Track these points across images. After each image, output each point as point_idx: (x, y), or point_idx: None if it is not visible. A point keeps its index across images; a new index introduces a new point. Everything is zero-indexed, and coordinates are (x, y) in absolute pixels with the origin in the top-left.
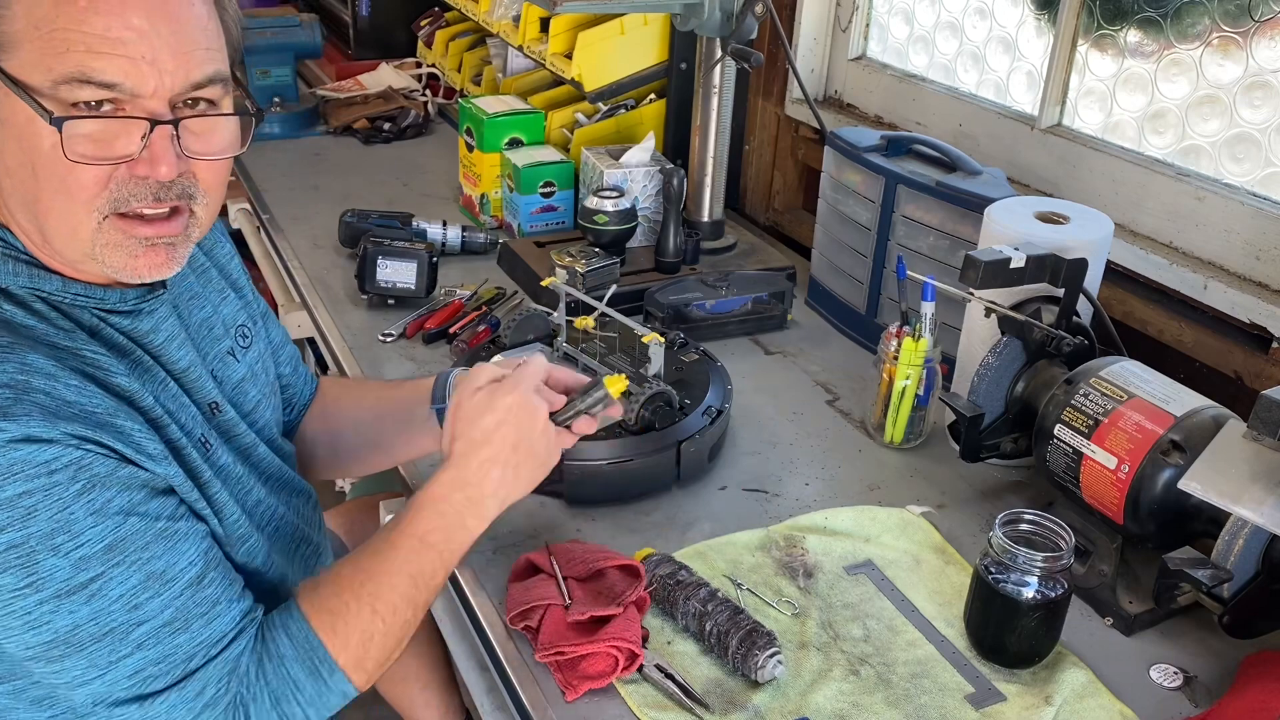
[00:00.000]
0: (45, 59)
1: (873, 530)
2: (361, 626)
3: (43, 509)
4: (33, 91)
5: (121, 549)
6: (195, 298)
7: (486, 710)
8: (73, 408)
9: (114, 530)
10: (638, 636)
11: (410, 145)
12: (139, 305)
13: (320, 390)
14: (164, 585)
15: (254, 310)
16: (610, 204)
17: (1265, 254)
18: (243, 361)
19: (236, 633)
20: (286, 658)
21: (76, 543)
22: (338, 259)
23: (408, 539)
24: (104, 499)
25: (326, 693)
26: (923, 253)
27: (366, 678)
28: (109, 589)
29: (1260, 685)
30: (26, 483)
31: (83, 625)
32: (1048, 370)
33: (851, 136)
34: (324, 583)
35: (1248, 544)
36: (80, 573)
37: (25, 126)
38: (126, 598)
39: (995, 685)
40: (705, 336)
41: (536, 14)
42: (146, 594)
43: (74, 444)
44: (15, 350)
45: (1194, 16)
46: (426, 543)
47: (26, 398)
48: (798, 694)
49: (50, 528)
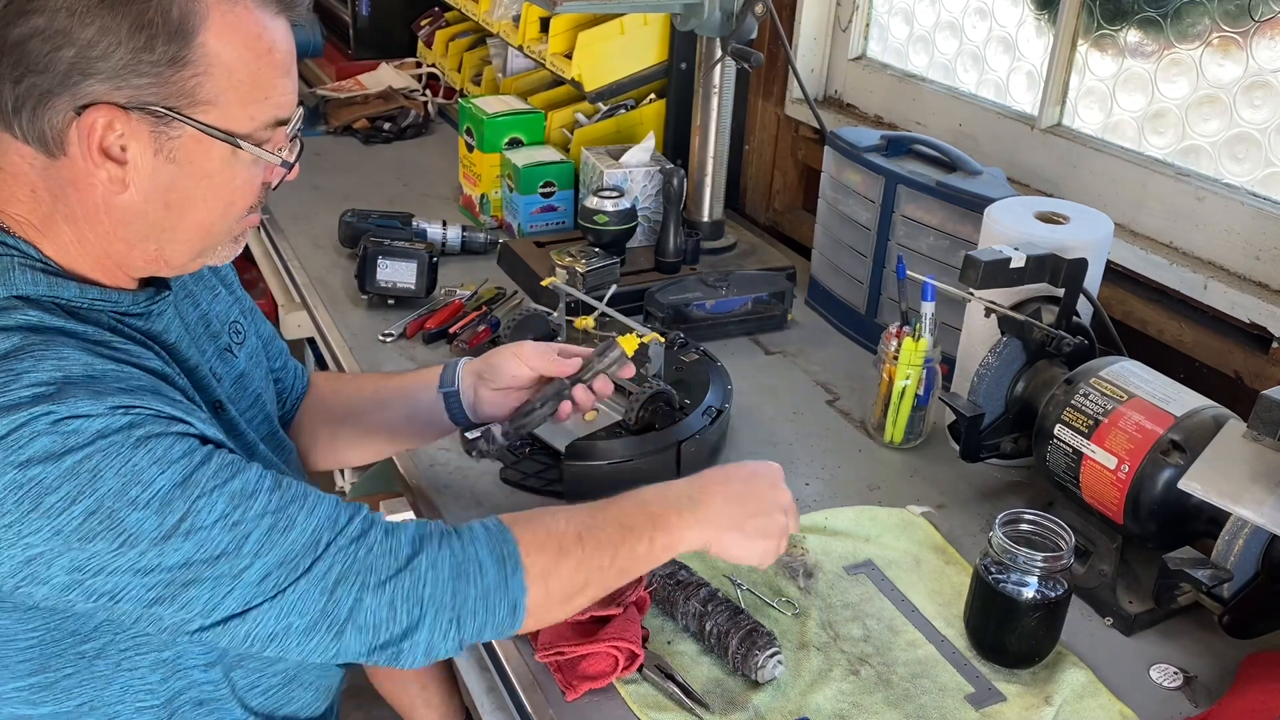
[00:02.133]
0: (249, 107)
1: (873, 530)
2: (560, 541)
3: (106, 467)
4: (242, 137)
5: (195, 483)
6: (189, 296)
7: (486, 710)
8: (113, 384)
9: (181, 471)
10: (638, 636)
11: (410, 145)
12: (149, 307)
13: (313, 384)
14: (250, 499)
15: (244, 305)
16: (610, 204)
17: (1265, 254)
18: (240, 356)
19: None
20: (478, 539)
21: (151, 491)
22: (338, 259)
23: (629, 501)
24: (163, 448)
25: (503, 591)
26: (923, 253)
27: (544, 596)
28: (201, 519)
29: (1260, 685)
30: (83, 450)
31: (192, 557)
32: (1048, 370)
33: (851, 136)
34: (538, 519)
35: (1248, 544)
36: (168, 515)
37: (220, 167)
38: (221, 520)
39: (995, 685)
40: (705, 336)
41: (536, 14)
42: (239, 510)
43: (121, 411)
44: (51, 347)
45: (1194, 16)
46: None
47: (71, 386)
48: (798, 694)
49: (120, 483)
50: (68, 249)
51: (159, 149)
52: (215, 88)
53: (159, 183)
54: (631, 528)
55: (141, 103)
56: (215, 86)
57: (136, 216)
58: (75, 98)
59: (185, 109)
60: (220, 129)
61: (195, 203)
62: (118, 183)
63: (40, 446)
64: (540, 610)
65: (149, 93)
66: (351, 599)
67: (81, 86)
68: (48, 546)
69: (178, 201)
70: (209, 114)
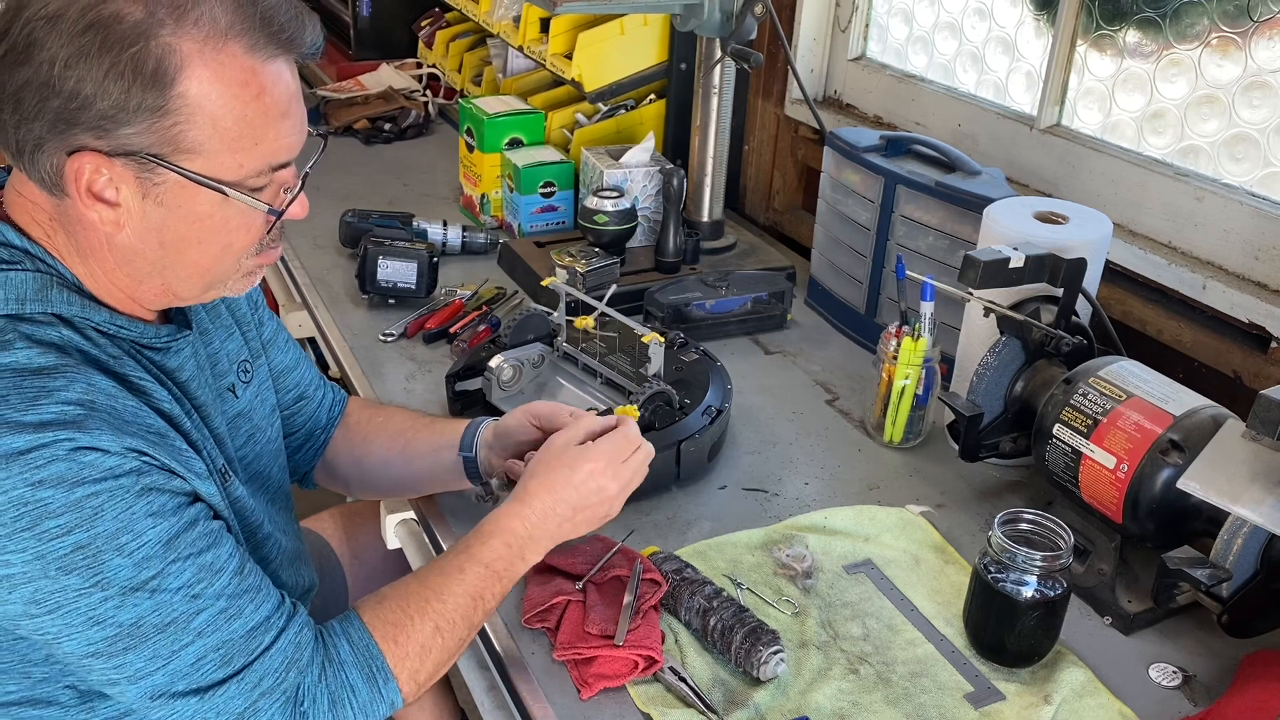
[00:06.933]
0: (236, 155)
1: (872, 530)
2: (421, 640)
3: (108, 509)
4: (229, 185)
5: (177, 545)
6: (205, 333)
7: (486, 709)
8: (132, 425)
9: (169, 529)
10: (658, 642)
11: (410, 145)
12: (169, 344)
13: (348, 416)
14: (215, 575)
15: (255, 345)
16: (610, 204)
17: (1264, 254)
18: (242, 398)
19: (284, 619)
20: (346, 663)
21: (139, 541)
22: (338, 259)
23: (475, 564)
24: (160, 502)
25: (379, 701)
26: (922, 253)
27: (416, 689)
28: (168, 581)
29: (1260, 685)
30: (94, 485)
31: (146, 617)
32: (1047, 370)
33: (851, 136)
34: (388, 597)
35: (1246, 543)
36: (142, 570)
37: (211, 211)
38: (184, 589)
39: (994, 684)
40: (705, 336)
41: (536, 14)
42: (202, 584)
43: (134, 456)
44: (83, 371)
45: (1193, 17)
46: (491, 569)
47: (96, 414)
48: (798, 693)
49: (115, 527)
50: (93, 277)
51: (146, 193)
52: (199, 136)
53: (150, 224)
54: (480, 595)
55: (125, 150)
56: (199, 134)
57: (135, 255)
58: (64, 144)
59: (169, 156)
60: (206, 176)
61: (190, 244)
62: (111, 224)
63: (56, 471)
64: (415, 695)
65: (132, 140)
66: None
67: (68, 135)
68: (25, 568)
69: (172, 242)
70: (194, 162)
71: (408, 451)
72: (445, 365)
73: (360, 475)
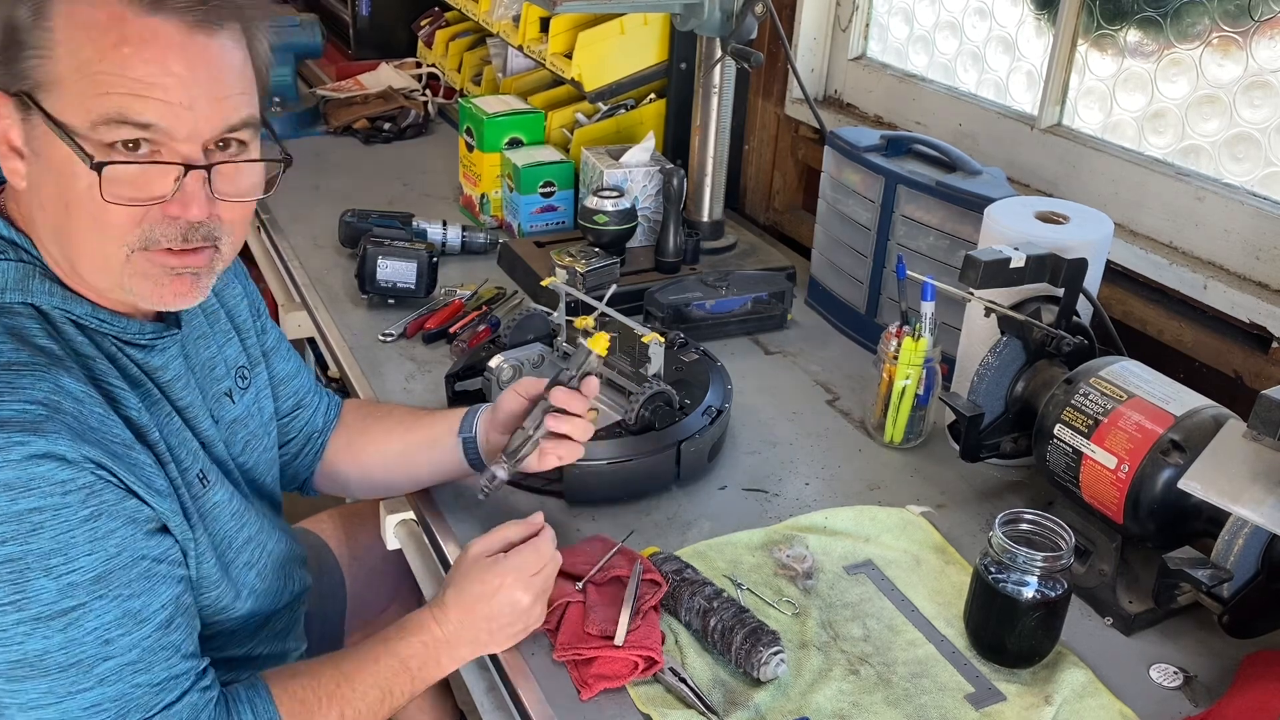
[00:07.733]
0: (85, 100)
1: (873, 530)
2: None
3: (48, 527)
4: (71, 132)
5: (107, 581)
6: (202, 338)
7: (486, 710)
8: (95, 434)
9: (105, 561)
10: (658, 642)
11: (410, 145)
12: (154, 341)
13: (343, 419)
14: (138, 624)
15: (254, 353)
16: (610, 204)
17: (1265, 254)
18: (239, 403)
19: (191, 680)
20: None
21: (70, 567)
22: (338, 259)
23: (390, 657)
24: (106, 529)
25: None
26: (923, 253)
27: None
28: (86, 620)
29: (1260, 685)
30: (41, 499)
31: (52, 652)
32: (1047, 370)
33: (851, 136)
34: (300, 673)
35: (1247, 543)
36: (64, 599)
37: (63, 165)
38: (100, 631)
39: (995, 685)
40: (705, 336)
41: (536, 14)
42: (119, 630)
43: (90, 468)
44: (51, 370)
45: (1194, 16)
46: (405, 666)
47: (57, 417)
48: (798, 693)
49: (50, 548)
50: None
51: (28, 139)
52: (56, 72)
53: (40, 182)
54: (390, 690)
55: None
56: (57, 71)
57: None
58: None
59: (34, 93)
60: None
61: (67, 213)
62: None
63: (3, 478)
64: None
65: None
66: None
67: None
68: None
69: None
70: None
71: (407, 442)
72: (445, 365)
73: (361, 473)
